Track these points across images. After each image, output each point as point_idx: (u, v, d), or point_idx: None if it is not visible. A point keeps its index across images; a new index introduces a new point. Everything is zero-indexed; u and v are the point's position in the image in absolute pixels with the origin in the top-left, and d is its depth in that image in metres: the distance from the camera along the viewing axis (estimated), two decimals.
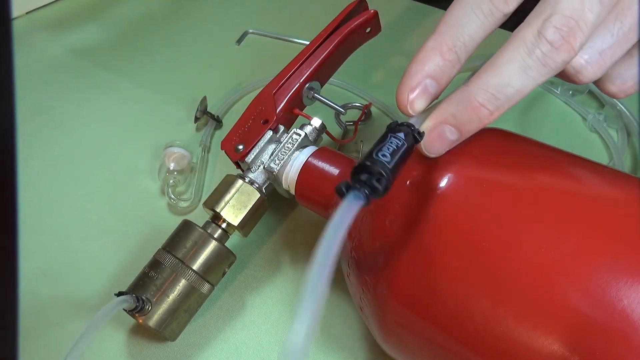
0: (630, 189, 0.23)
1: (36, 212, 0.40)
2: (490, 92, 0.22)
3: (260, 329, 0.35)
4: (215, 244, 0.32)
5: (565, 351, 0.20)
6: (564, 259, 0.21)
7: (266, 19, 0.58)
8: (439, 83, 0.24)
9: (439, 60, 0.24)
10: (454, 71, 0.24)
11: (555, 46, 0.21)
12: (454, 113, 0.23)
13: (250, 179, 0.34)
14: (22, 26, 0.58)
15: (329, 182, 0.32)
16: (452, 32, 0.24)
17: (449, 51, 0.24)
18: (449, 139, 0.24)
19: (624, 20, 0.22)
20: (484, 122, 0.23)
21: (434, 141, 0.24)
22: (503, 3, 0.23)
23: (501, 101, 0.22)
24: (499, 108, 0.22)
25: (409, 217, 0.24)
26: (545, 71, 0.22)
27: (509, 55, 0.22)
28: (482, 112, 0.23)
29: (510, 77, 0.22)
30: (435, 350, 0.24)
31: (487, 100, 0.22)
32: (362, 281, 0.26)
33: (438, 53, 0.24)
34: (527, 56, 0.22)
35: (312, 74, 0.36)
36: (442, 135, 0.24)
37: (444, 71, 0.24)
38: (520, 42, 0.22)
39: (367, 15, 0.37)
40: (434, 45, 0.24)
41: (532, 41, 0.22)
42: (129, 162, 0.44)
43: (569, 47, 0.21)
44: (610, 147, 0.44)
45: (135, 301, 0.30)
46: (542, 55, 0.21)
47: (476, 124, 0.23)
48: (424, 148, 0.24)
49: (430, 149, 0.24)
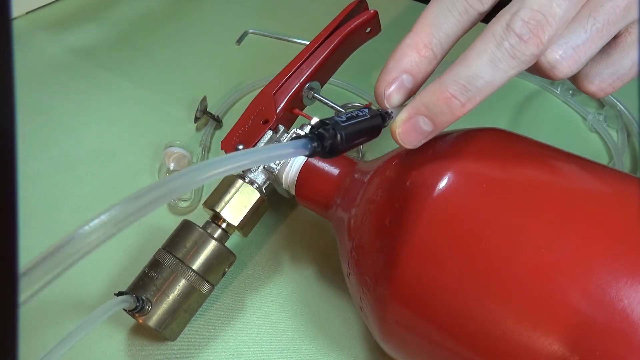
0: (630, 189, 0.23)
1: (36, 212, 0.40)
2: (461, 83, 0.23)
3: (260, 329, 0.35)
4: (215, 244, 0.32)
5: (565, 351, 0.20)
6: (563, 258, 0.21)
7: (266, 19, 0.58)
8: (415, 78, 0.25)
9: (415, 57, 0.25)
10: (430, 67, 0.25)
11: (524, 39, 0.22)
12: (427, 104, 0.24)
13: (250, 179, 0.34)
14: (22, 26, 0.58)
15: (329, 182, 0.32)
16: (428, 30, 0.25)
17: (425, 48, 0.25)
18: (423, 129, 0.24)
19: (597, 16, 0.23)
20: (455, 113, 0.23)
21: (409, 132, 0.24)
22: (477, 2, 0.24)
23: (472, 92, 0.23)
24: (470, 99, 0.23)
25: (409, 217, 0.24)
26: (514, 63, 0.22)
27: (479, 48, 0.23)
28: (454, 103, 0.23)
29: (480, 69, 0.22)
30: (435, 350, 0.24)
31: (458, 91, 0.23)
32: (362, 281, 0.26)
33: (414, 50, 0.25)
34: (496, 49, 0.22)
35: (312, 74, 0.36)
36: (417, 125, 0.24)
37: (420, 67, 0.25)
38: (490, 35, 0.22)
39: (367, 15, 0.37)
40: (410, 42, 0.25)
41: (501, 34, 0.22)
42: (129, 162, 0.44)
43: (537, 41, 0.22)
44: (610, 147, 0.44)
45: (135, 301, 0.30)
46: (510, 48, 0.22)
47: (449, 115, 0.23)
48: (399, 138, 0.25)
49: (405, 139, 0.25)
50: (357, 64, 0.42)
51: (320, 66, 0.37)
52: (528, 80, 0.50)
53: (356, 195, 0.29)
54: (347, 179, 0.31)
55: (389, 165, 0.28)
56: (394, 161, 0.28)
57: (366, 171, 0.30)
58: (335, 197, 0.31)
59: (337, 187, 0.31)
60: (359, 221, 0.27)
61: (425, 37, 0.25)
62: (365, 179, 0.29)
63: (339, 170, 0.32)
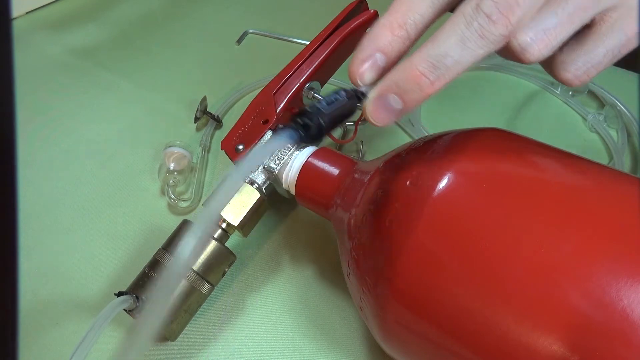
0: (631, 189, 0.23)
1: (36, 212, 0.40)
2: (430, 61, 0.23)
3: (260, 329, 0.35)
4: (215, 244, 0.32)
5: (566, 351, 0.20)
6: (564, 258, 0.21)
7: (266, 19, 0.58)
8: (388, 57, 0.26)
9: (389, 36, 0.25)
10: (404, 47, 0.26)
11: (493, 19, 0.22)
12: (396, 81, 0.24)
13: (250, 179, 0.34)
14: (22, 26, 0.58)
15: (329, 182, 0.32)
16: (403, 10, 0.25)
17: (399, 28, 0.25)
18: (394, 107, 0.25)
19: (569, 1, 0.23)
20: (425, 91, 0.24)
21: (379, 109, 0.25)
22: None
23: (441, 70, 0.23)
24: (439, 77, 0.23)
25: (409, 216, 0.24)
26: (482, 43, 0.23)
27: (449, 28, 0.23)
28: (423, 81, 0.23)
29: (449, 47, 0.23)
30: (436, 350, 0.24)
31: (426, 69, 0.23)
32: (362, 281, 0.26)
33: (389, 29, 0.25)
34: (465, 28, 0.23)
35: (312, 74, 0.36)
36: (386, 103, 0.25)
37: (393, 46, 0.25)
38: (460, 16, 0.23)
39: (367, 15, 0.38)
40: (384, 22, 0.25)
41: (471, 14, 0.23)
42: (129, 162, 0.44)
43: (505, 21, 0.22)
44: (610, 147, 0.44)
45: (135, 301, 0.30)
46: (479, 27, 0.22)
47: (418, 93, 0.24)
48: (370, 116, 0.25)
49: (376, 117, 0.25)
50: None
51: (320, 66, 0.37)
52: (528, 80, 0.50)
53: (356, 195, 0.29)
54: (347, 179, 0.31)
55: (389, 165, 0.28)
56: (394, 161, 0.28)
57: (366, 171, 0.30)
58: (335, 197, 0.31)
59: (337, 187, 0.31)
60: (359, 221, 0.27)
61: (400, 17, 0.25)
62: (365, 179, 0.29)
63: (339, 170, 0.32)
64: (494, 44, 0.23)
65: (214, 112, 0.46)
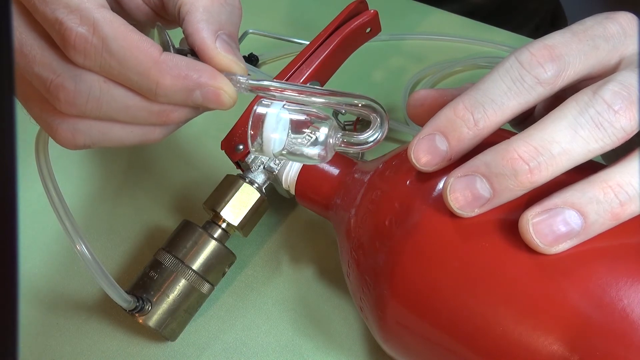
0: None
1: (36, 212, 0.40)
2: (532, 145, 0.20)
3: (260, 329, 0.34)
4: (215, 244, 0.32)
5: (565, 351, 0.20)
6: (564, 258, 0.21)
7: (266, 19, 0.58)
8: (447, 139, 0.22)
9: (450, 115, 0.22)
10: (466, 131, 0.22)
11: (614, 108, 0.19)
12: (487, 162, 0.21)
13: (250, 179, 0.34)
14: None
15: (329, 182, 0.32)
16: (472, 93, 0.22)
17: (463, 109, 0.22)
18: (480, 194, 0.21)
19: None
20: (520, 179, 0.20)
21: (462, 190, 0.21)
22: (538, 67, 0.21)
23: (544, 158, 0.20)
24: (540, 166, 0.20)
25: (409, 216, 0.24)
26: (598, 135, 0.19)
27: (558, 114, 0.20)
28: (519, 165, 0.20)
29: (556, 132, 0.20)
30: (436, 350, 0.24)
31: (527, 152, 0.20)
32: (362, 281, 0.26)
33: (452, 109, 0.22)
34: (578, 114, 0.19)
35: (312, 74, 0.36)
36: (472, 186, 0.21)
37: (455, 128, 0.22)
38: (572, 102, 0.20)
39: (367, 15, 0.37)
40: (452, 104, 0.22)
41: (586, 101, 0.20)
42: (129, 162, 0.44)
43: (629, 114, 0.19)
44: None
45: (135, 301, 0.30)
46: (595, 114, 0.19)
47: (512, 180, 0.20)
48: (450, 203, 0.22)
49: (458, 206, 0.22)
50: (357, 64, 0.42)
51: (320, 66, 0.37)
52: None
53: (356, 195, 0.29)
54: (347, 179, 0.31)
55: (389, 165, 0.28)
56: (393, 161, 0.28)
57: (366, 171, 0.30)
58: (335, 197, 0.31)
59: (337, 187, 0.31)
60: (359, 221, 0.27)
61: (467, 99, 0.22)
62: (365, 179, 0.29)
63: (339, 170, 0.32)
64: (612, 138, 0.19)
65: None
